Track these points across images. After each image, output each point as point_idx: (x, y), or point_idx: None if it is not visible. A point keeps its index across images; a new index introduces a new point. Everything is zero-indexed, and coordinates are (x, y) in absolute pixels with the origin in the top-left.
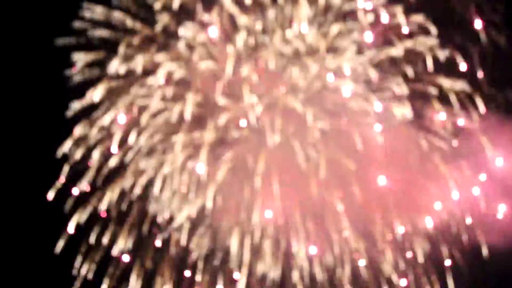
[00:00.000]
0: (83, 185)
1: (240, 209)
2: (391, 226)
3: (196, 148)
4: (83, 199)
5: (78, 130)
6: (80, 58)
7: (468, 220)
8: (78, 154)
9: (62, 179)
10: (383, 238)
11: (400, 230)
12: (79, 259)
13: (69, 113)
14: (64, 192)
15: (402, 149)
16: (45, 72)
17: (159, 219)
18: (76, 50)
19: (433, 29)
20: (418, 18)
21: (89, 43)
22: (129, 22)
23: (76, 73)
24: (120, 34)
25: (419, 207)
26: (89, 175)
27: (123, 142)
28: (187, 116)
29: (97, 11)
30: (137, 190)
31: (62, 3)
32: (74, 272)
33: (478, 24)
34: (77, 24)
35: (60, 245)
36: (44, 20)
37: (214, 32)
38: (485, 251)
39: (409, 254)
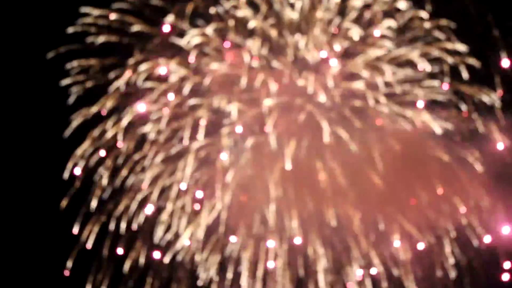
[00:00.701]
0: (91, 204)
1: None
2: (411, 241)
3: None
4: (92, 217)
5: (83, 145)
6: (82, 66)
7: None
8: (84, 171)
9: (68, 198)
10: (405, 256)
11: (420, 246)
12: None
13: (74, 124)
14: (72, 211)
15: (422, 159)
16: (47, 82)
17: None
18: (76, 57)
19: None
20: (443, 22)
21: (90, 49)
22: (137, 27)
23: (80, 83)
24: (128, 39)
25: (440, 221)
26: (97, 192)
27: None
28: (202, 123)
29: (97, 15)
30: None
31: (59, 9)
32: None
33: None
34: (75, 29)
35: (69, 265)
36: (40, 27)
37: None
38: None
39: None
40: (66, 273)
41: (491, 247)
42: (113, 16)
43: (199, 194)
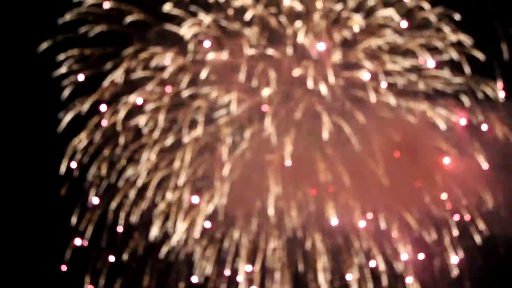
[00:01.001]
0: (89, 198)
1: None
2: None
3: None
4: (89, 211)
5: (80, 136)
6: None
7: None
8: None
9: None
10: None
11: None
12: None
13: (70, 115)
14: (68, 206)
15: (423, 151)
16: (40, 73)
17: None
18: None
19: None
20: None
21: (84, 39)
22: (134, 16)
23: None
24: (125, 28)
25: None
26: (94, 187)
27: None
28: (200, 113)
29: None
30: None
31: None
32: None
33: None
34: (69, 18)
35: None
36: (33, 17)
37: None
38: None
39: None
40: (64, 268)
41: (491, 240)
42: (107, 5)
43: (197, 185)
